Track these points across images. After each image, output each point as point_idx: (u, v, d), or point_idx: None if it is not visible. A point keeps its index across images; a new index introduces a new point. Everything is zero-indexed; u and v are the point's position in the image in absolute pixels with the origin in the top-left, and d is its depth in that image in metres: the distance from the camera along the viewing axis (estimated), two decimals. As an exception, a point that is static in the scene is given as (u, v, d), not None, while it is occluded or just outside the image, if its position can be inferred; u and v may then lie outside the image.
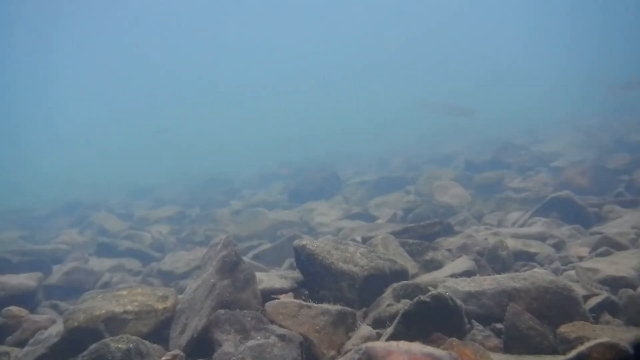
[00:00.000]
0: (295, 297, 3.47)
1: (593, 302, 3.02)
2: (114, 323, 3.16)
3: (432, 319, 2.66)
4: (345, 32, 55.77)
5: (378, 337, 2.87)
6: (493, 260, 4.09)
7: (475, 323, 2.88)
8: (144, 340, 2.93)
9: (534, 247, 4.43)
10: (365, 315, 3.28)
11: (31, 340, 3.46)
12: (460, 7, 51.82)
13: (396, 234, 4.74)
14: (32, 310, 4.50)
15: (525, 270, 3.77)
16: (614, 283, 3.27)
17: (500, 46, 47.85)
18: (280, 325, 2.86)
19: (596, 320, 2.88)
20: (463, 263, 3.91)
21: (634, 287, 3.12)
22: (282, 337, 2.68)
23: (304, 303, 3.02)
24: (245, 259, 4.19)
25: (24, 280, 4.83)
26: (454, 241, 4.79)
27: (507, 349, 2.64)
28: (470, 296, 3.02)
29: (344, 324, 2.97)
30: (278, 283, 3.56)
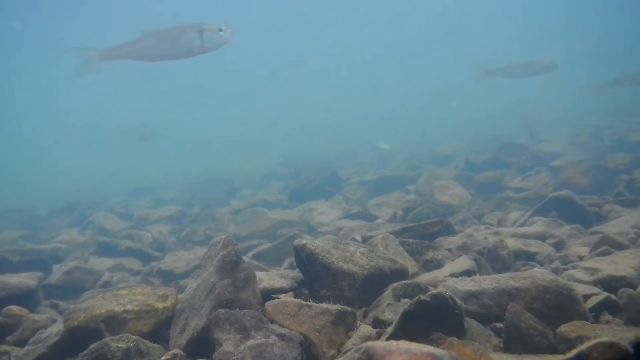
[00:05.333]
0: (295, 297, 3.47)
1: (593, 301, 3.02)
2: (114, 322, 3.16)
3: (432, 318, 2.66)
4: (343, 30, 55.73)
5: (378, 336, 2.87)
6: (493, 259, 4.09)
7: (476, 322, 2.88)
8: (144, 340, 2.93)
9: (534, 246, 4.42)
10: (365, 315, 3.28)
11: (31, 340, 3.45)
12: (459, 3, 51.77)
13: (396, 234, 4.73)
14: (32, 309, 4.50)
15: (526, 270, 3.78)
16: (614, 282, 3.27)
17: (497, 44, 47.82)
18: (280, 325, 2.85)
19: (596, 320, 2.88)
20: (463, 262, 3.91)
21: (634, 287, 3.12)
22: (282, 337, 2.68)
23: (304, 302, 3.02)
24: (245, 258, 4.19)
25: (24, 279, 4.82)
26: (454, 241, 4.80)
27: (507, 349, 2.64)
28: (470, 295, 3.02)
29: (344, 323, 2.97)
30: (278, 282, 3.56)
